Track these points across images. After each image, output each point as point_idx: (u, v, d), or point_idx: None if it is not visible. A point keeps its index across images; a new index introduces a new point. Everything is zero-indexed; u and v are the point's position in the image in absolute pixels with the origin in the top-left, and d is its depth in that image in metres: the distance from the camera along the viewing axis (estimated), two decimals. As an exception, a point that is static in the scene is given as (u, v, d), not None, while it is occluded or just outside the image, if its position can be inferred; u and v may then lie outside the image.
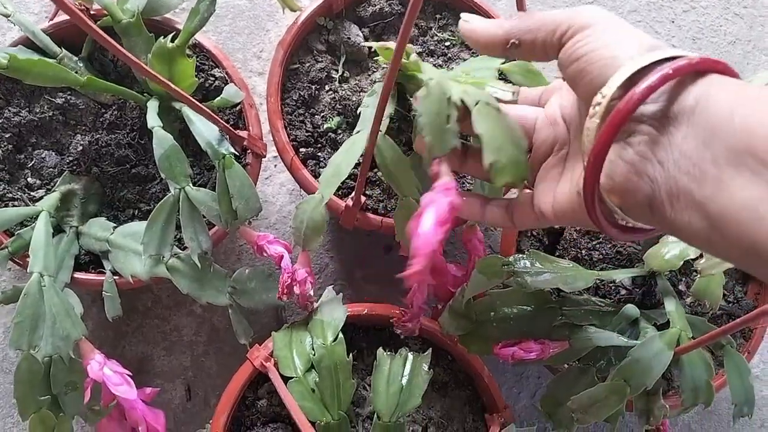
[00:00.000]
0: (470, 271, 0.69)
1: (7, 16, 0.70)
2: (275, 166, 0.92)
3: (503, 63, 0.68)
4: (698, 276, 0.65)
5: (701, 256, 0.65)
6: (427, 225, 0.44)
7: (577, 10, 0.44)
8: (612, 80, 0.39)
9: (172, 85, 0.60)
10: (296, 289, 0.66)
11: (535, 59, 0.47)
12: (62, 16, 0.75)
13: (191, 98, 0.62)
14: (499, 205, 0.52)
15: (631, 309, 0.66)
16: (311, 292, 0.67)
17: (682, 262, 0.65)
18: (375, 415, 0.63)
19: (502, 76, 0.80)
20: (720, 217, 0.33)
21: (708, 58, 0.38)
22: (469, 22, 0.49)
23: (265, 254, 0.69)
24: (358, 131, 0.64)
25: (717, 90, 0.36)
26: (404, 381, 0.63)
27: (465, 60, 0.82)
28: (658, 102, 0.37)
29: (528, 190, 0.51)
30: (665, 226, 0.38)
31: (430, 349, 0.66)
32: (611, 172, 0.40)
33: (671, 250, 0.65)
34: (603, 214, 0.42)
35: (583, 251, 0.75)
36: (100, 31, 0.51)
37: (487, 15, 0.82)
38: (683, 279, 0.76)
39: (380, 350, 0.65)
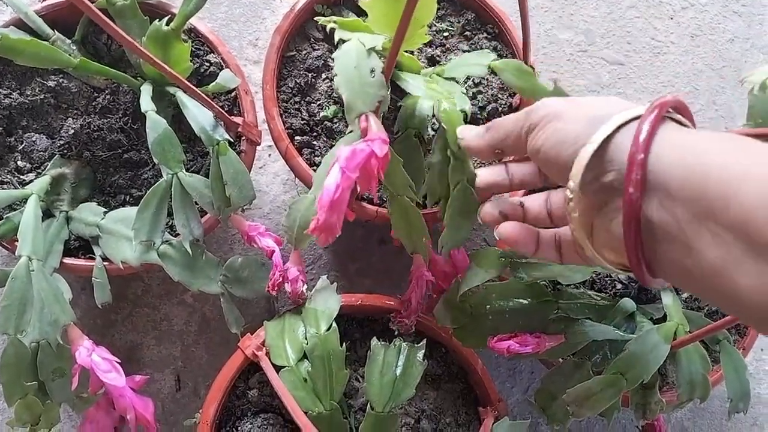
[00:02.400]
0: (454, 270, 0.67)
1: (-2, -5, 0.69)
2: (269, 155, 0.91)
3: (494, 60, 0.67)
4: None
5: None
6: (331, 178, 0.44)
7: (532, 108, 0.48)
8: (574, 173, 0.42)
9: (167, 68, 0.59)
10: (288, 287, 0.65)
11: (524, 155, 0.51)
12: (56, -2, 0.74)
13: (186, 82, 0.61)
14: (549, 244, 0.53)
15: (627, 303, 0.66)
16: (303, 290, 0.66)
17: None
18: (368, 406, 0.62)
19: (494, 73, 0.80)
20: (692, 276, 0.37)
21: (658, 111, 0.40)
22: (463, 139, 0.56)
23: (254, 245, 0.68)
24: (351, 131, 0.63)
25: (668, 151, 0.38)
26: (398, 371, 0.63)
27: (463, 51, 0.81)
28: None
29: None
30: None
31: (425, 339, 0.66)
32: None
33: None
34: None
35: (580, 245, 0.75)
36: (96, 10, 0.50)
37: (484, 4, 0.81)
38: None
39: (374, 340, 0.64)
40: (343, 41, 0.55)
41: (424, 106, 0.66)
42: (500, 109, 0.79)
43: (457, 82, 0.70)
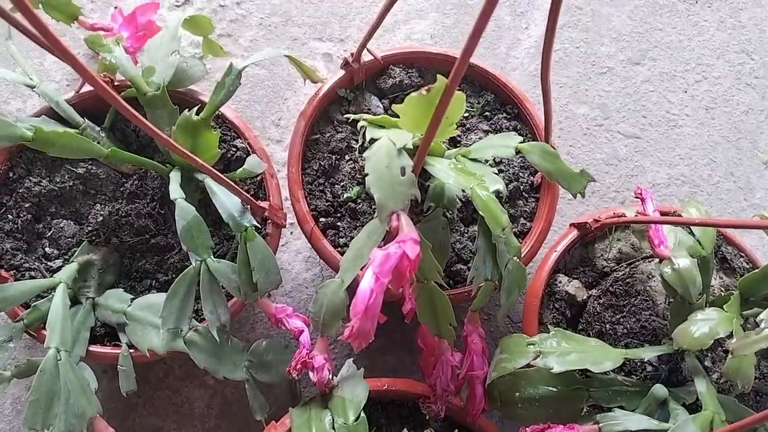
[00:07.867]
0: (466, 366, 0.67)
1: (32, 87, 0.71)
2: (291, 233, 0.91)
3: (521, 143, 0.68)
4: (730, 356, 0.63)
5: (732, 335, 0.63)
6: (365, 283, 0.44)
7: None
8: None
9: (198, 160, 0.59)
10: (313, 377, 0.64)
11: None
12: (88, 87, 0.75)
13: (216, 171, 0.62)
14: None
15: (659, 390, 0.65)
16: (329, 378, 0.66)
17: (712, 341, 0.63)
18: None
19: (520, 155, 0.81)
20: None
21: None
22: None
23: (282, 327, 0.68)
24: (376, 215, 0.64)
25: None
26: (430, 464, 0.61)
27: (483, 130, 0.82)
28: None
29: None
30: None
31: (456, 429, 0.64)
32: None
33: (700, 328, 0.63)
34: None
35: (607, 325, 0.74)
36: (126, 104, 0.51)
37: (504, 86, 0.83)
38: (709, 354, 0.74)
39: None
40: (374, 140, 0.56)
41: (453, 187, 0.67)
42: (522, 187, 0.80)
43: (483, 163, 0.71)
